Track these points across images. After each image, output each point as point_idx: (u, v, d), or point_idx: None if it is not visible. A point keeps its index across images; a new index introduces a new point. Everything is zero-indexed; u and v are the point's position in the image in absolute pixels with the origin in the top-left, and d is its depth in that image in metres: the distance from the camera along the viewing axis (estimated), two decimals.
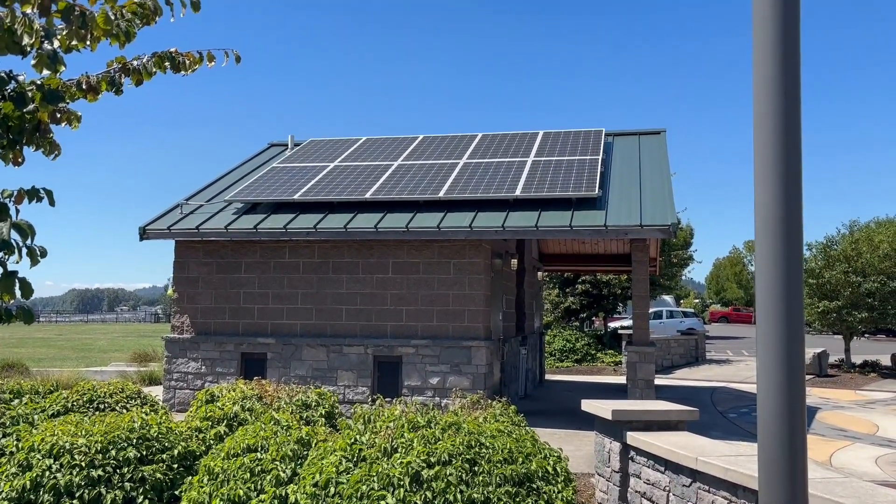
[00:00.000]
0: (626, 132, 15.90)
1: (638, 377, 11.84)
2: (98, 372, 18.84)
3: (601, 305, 28.08)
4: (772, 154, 2.38)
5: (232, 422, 8.06)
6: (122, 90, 3.70)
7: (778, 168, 2.38)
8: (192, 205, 13.74)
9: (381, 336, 12.39)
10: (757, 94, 2.43)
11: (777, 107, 2.39)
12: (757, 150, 2.44)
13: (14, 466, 6.74)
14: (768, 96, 2.40)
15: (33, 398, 9.17)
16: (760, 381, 2.37)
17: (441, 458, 5.93)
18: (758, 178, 2.43)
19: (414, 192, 12.63)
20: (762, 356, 2.35)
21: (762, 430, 2.34)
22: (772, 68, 2.39)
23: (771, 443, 2.31)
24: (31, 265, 3.42)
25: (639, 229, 11.06)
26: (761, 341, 2.38)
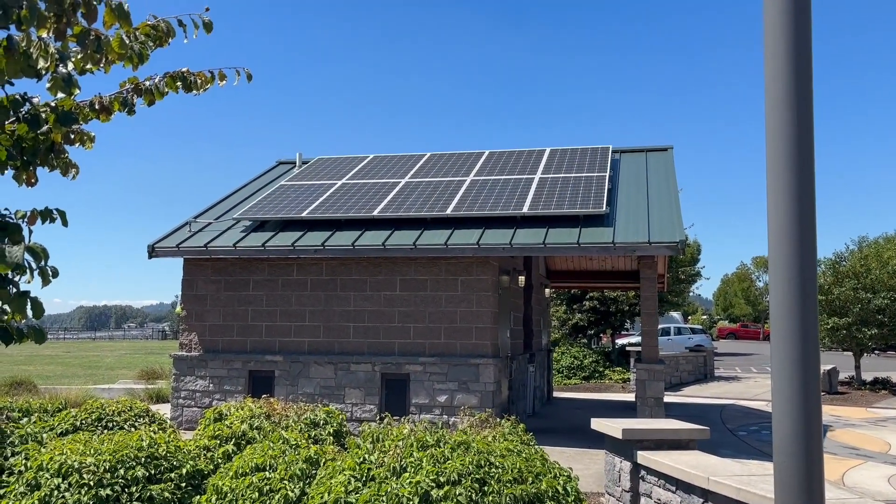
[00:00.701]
0: (634, 149, 15.92)
1: (647, 395, 11.77)
2: (106, 389, 18.85)
3: (609, 322, 27.99)
4: (785, 173, 2.38)
5: (240, 440, 8.04)
6: (134, 110, 3.73)
7: (791, 186, 2.38)
8: (201, 222, 13.80)
9: (388, 353, 12.37)
10: (769, 109, 2.43)
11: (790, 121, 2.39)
12: (770, 169, 2.43)
13: (23, 486, 6.73)
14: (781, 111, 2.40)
15: (42, 416, 9.17)
16: (776, 401, 2.35)
17: (451, 477, 5.90)
18: (771, 196, 2.42)
19: (421, 209, 12.65)
20: (777, 376, 2.34)
21: (778, 451, 2.32)
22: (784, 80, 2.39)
23: (787, 463, 2.29)
24: (43, 285, 3.43)
25: (647, 246, 11.05)
26: (776, 362, 2.36)
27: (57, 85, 3.12)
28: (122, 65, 3.42)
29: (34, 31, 2.94)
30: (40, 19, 2.85)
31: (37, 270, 3.32)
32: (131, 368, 27.32)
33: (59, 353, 42.99)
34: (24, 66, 2.89)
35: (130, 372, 25.32)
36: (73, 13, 2.93)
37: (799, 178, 2.38)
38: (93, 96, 3.66)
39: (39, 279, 3.41)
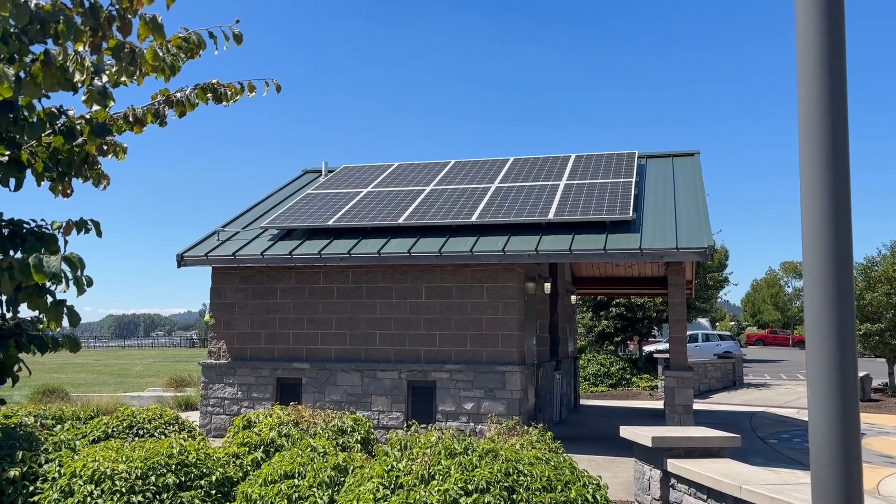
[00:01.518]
0: (660, 154, 15.82)
1: (676, 402, 11.65)
2: (136, 397, 19.07)
3: (636, 329, 27.78)
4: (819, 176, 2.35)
5: (269, 448, 8.08)
6: (166, 122, 3.79)
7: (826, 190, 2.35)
8: (229, 231, 13.93)
9: (414, 361, 12.37)
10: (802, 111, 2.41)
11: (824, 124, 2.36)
12: (804, 173, 2.40)
13: (56, 492, 6.83)
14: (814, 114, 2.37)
15: (75, 424, 9.30)
16: (812, 410, 2.31)
17: (479, 485, 5.88)
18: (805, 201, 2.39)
19: (446, 216, 12.67)
20: (813, 385, 2.30)
21: (815, 461, 2.29)
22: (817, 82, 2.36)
23: (825, 474, 2.26)
24: (78, 294, 3.49)
25: (675, 252, 10.95)
26: (811, 370, 2.33)
27: (92, 97, 3.18)
28: (155, 77, 3.47)
29: (70, 45, 3.00)
30: (76, 33, 2.90)
31: (72, 280, 3.37)
32: (160, 376, 27.63)
33: (90, 361, 43.60)
34: (61, 80, 2.95)
35: (159, 380, 25.59)
36: (108, 27, 2.99)
37: (834, 182, 2.35)
38: (126, 108, 3.72)
39: (75, 288, 3.47)
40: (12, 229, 3.53)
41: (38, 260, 2.90)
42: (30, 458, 7.45)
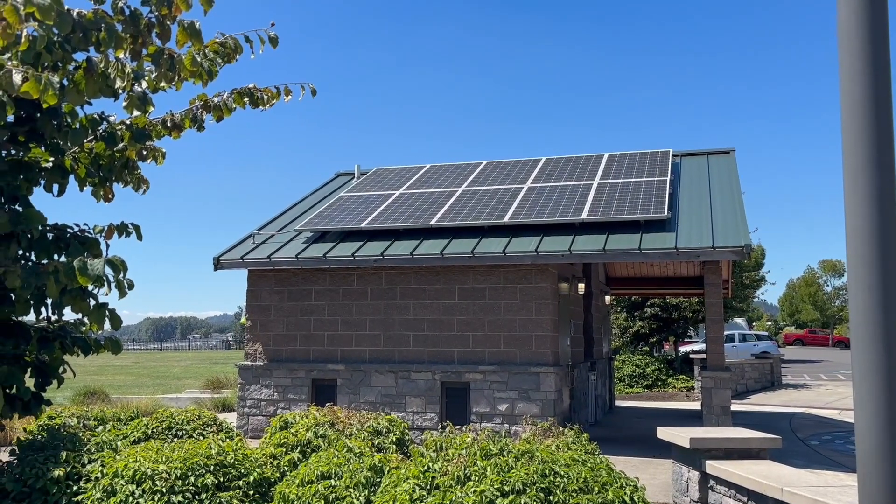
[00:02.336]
0: (694, 152, 15.64)
1: (713, 403, 11.50)
2: (174, 399, 19.36)
3: (671, 329, 27.47)
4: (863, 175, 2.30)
5: (305, 448, 8.15)
6: (203, 126, 3.84)
7: (871, 188, 2.30)
8: (264, 234, 14.09)
9: (448, 362, 12.38)
10: (846, 109, 2.36)
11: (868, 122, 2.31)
12: (847, 172, 2.36)
13: (99, 492, 6.95)
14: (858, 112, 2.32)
15: (116, 425, 9.47)
16: (858, 413, 2.27)
17: (515, 486, 5.86)
18: (849, 199, 2.35)
19: (479, 217, 12.66)
20: (859, 387, 2.26)
21: (862, 464, 2.24)
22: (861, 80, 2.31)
23: (873, 476, 2.21)
24: (120, 297, 3.55)
25: (711, 251, 10.81)
26: (857, 373, 2.28)
27: (133, 103, 3.23)
28: (193, 82, 3.52)
29: (112, 53, 3.06)
30: (117, 40, 2.96)
31: (114, 283, 3.44)
32: (197, 378, 28.02)
33: (129, 363, 44.39)
34: (103, 86, 3.01)
35: (196, 382, 25.96)
36: (148, 33, 3.04)
37: (879, 181, 2.30)
38: (164, 114, 3.78)
39: (116, 291, 3.53)
40: (56, 234, 3.61)
41: (82, 263, 2.96)
42: (73, 459, 7.60)
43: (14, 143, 3.51)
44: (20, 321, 3.89)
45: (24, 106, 3.26)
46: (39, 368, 3.86)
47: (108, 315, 3.68)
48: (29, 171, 3.52)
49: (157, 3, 3.02)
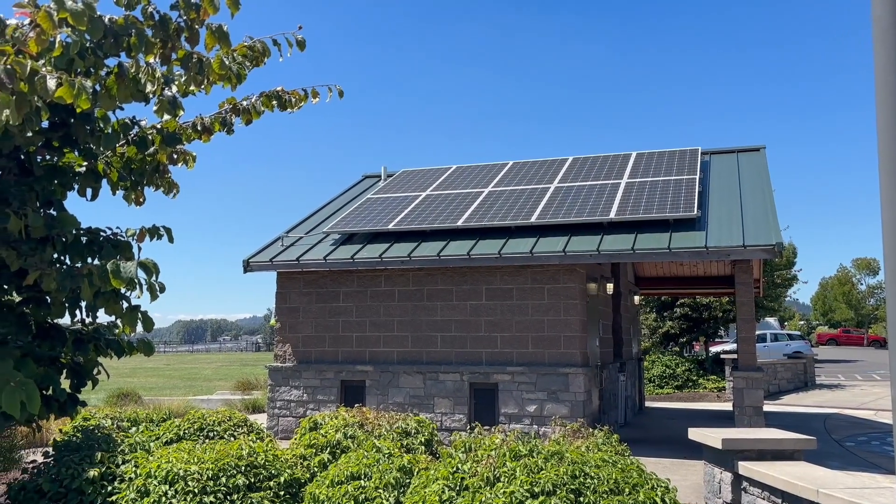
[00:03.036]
0: (724, 150, 15.46)
1: (745, 404, 11.35)
2: (205, 400, 19.58)
3: (701, 329, 27.18)
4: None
5: (335, 449, 8.19)
6: (233, 130, 3.87)
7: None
8: (293, 237, 14.19)
9: (476, 363, 12.37)
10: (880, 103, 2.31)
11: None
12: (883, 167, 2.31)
13: (133, 492, 7.05)
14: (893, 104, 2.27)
15: (148, 426, 9.60)
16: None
17: (545, 487, 5.83)
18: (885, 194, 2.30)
19: (505, 218, 12.63)
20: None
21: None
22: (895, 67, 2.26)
23: None
24: (151, 300, 3.60)
25: (742, 250, 10.67)
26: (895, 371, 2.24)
27: (163, 107, 3.27)
28: (222, 85, 3.56)
29: (142, 57, 3.10)
30: (148, 45, 3.00)
31: (146, 286, 3.48)
32: (228, 380, 28.30)
33: (160, 365, 44.98)
34: (134, 91, 3.05)
35: (227, 383, 26.22)
36: (177, 38, 3.07)
37: None
38: (194, 118, 3.83)
39: (148, 294, 3.57)
40: (90, 237, 3.67)
41: (115, 266, 3.00)
42: (108, 459, 7.71)
43: (48, 148, 3.57)
44: (55, 323, 3.96)
45: (57, 111, 3.32)
46: (74, 370, 3.92)
47: (140, 317, 3.72)
48: (63, 176, 3.59)
49: (185, 8, 3.06)
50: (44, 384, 3.68)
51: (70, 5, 2.62)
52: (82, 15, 2.63)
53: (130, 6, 3.11)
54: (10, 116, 2.56)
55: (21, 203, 3.25)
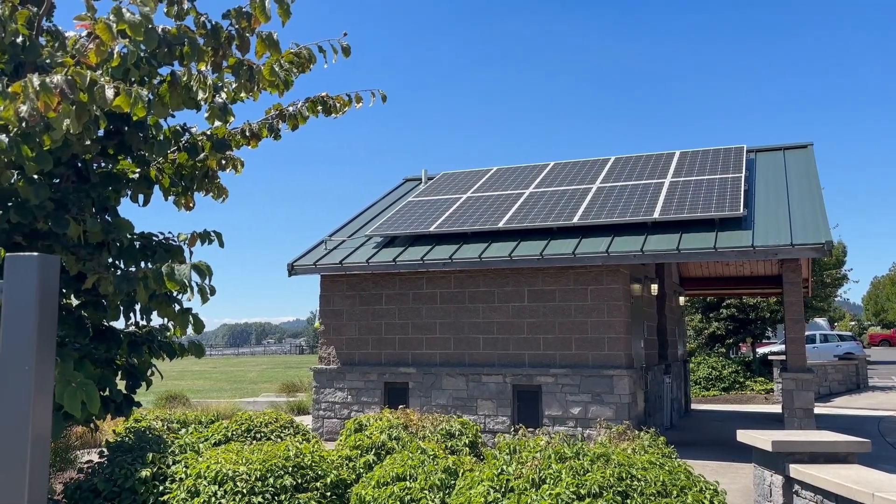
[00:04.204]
0: (770, 147, 15.18)
1: (795, 406, 11.12)
2: (251, 402, 19.86)
3: (748, 330, 26.67)
4: None
5: (380, 450, 8.24)
6: (280, 135, 3.94)
7: None
8: (336, 240, 14.33)
9: (519, 365, 12.33)
10: None
11: None
12: None
13: (184, 492, 7.19)
14: None
15: (197, 428, 9.78)
16: None
17: (591, 490, 5.80)
18: None
19: (547, 219, 12.57)
20: None
21: None
22: None
23: None
24: (202, 302, 3.67)
25: (790, 249, 10.47)
26: None
27: (214, 114, 3.35)
28: (269, 92, 3.62)
29: (194, 66, 3.17)
30: (200, 54, 3.07)
31: (197, 289, 3.56)
32: (273, 382, 28.66)
33: (207, 368, 45.76)
34: (186, 99, 3.13)
35: (272, 386, 26.56)
36: (228, 46, 3.14)
37: None
38: (242, 124, 3.90)
39: (199, 297, 3.65)
40: (143, 242, 3.77)
41: (170, 269, 3.08)
42: (159, 460, 7.87)
43: (104, 155, 3.68)
44: (111, 326, 4.07)
45: (112, 120, 3.42)
46: (129, 371, 4.03)
47: (191, 320, 3.81)
48: (117, 183, 3.69)
49: (237, 17, 3.13)
50: (101, 385, 3.78)
51: (128, 17, 2.70)
52: (140, 26, 2.71)
53: (180, 16, 3.19)
54: (71, 125, 2.65)
55: (79, 209, 3.37)
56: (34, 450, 2.14)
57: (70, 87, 2.58)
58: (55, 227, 3.19)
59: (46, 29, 3.45)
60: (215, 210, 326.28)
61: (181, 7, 3.12)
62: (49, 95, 2.54)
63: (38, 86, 2.54)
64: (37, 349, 2.10)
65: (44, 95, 2.53)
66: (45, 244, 3.42)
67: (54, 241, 3.42)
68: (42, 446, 2.13)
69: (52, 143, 2.92)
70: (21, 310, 2.12)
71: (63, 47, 3.12)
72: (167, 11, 3.16)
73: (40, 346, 2.12)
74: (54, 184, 3.53)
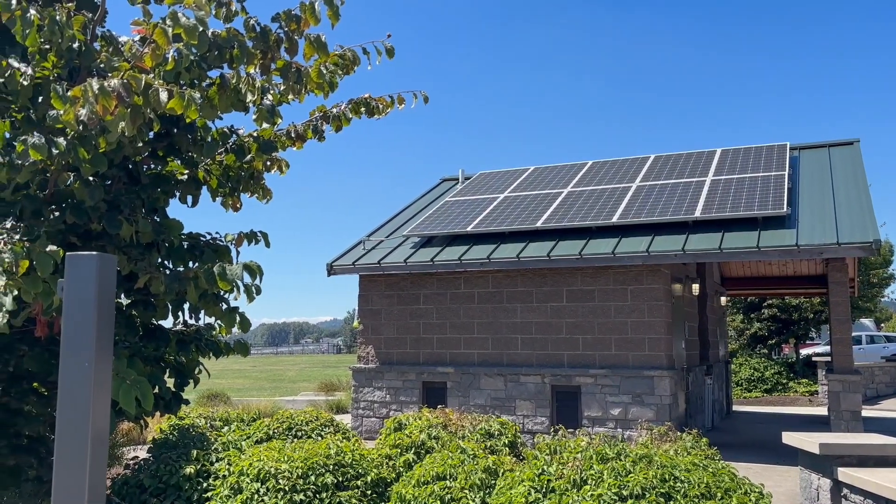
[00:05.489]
0: (814, 145, 14.88)
1: (842, 408, 10.89)
2: (290, 401, 20.08)
3: (791, 331, 26.19)
4: None
5: (419, 449, 8.27)
6: (324, 137, 3.98)
7: None
8: (374, 240, 14.42)
9: (557, 365, 12.27)
10: None
11: None
12: None
13: (227, 489, 7.29)
14: None
15: (239, 426, 9.91)
16: None
17: (633, 491, 5.75)
18: None
19: (586, 218, 12.49)
20: None
21: None
22: None
23: None
24: (249, 301, 3.73)
25: (836, 247, 10.25)
26: None
27: (262, 116, 3.40)
28: (315, 93, 3.66)
29: (243, 68, 3.22)
30: (249, 56, 3.12)
31: (243, 288, 3.61)
32: (311, 381, 28.93)
33: (246, 367, 46.36)
34: (234, 101, 3.18)
35: (311, 384, 26.81)
36: (276, 48, 3.19)
37: None
38: (288, 125, 3.95)
39: (244, 296, 3.71)
40: (191, 242, 3.83)
41: (221, 269, 3.13)
42: (202, 457, 8.00)
43: (154, 157, 3.76)
44: (160, 325, 4.16)
45: (162, 122, 3.49)
46: (178, 369, 4.11)
47: (238, 318, 3.86)
48: (166, 184, 3.77)
49: (286, 19, 3.17)
50: (151, 383, 3.86)
51: (184, 21, 2.76)
52: (194, 30, 2.76)
53: (229, 19, 3.24)
54: (126, 128, 2.72)
55: (131, 210, 3.45)
56: (94, 444, 2.19)
57: (126, 91, 2.64)
58: (109, 228, 3.27)
59: (100, 34, 3.54)
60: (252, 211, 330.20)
61: (230, 10, 3.17)
62: (107, 99, 2.60)
63: (97, 90, 2.61)
64: (96, 345, 2.15)
65: (102, 99, 2.60)
66: (99, 244, 3.51)
67: (107, 241, 3.50)
68: (101, 440, 2.18)
69: (106, 145, 3.00)
70: (81, 307, 2.18)
71: (118, 52, 3.19)
72: (216, 14, 3.21)
73: (99, 343, 2.17)
74: (107, 185, 3.62)
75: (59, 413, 2.07)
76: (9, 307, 2.69)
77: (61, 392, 2.10)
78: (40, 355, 3.76)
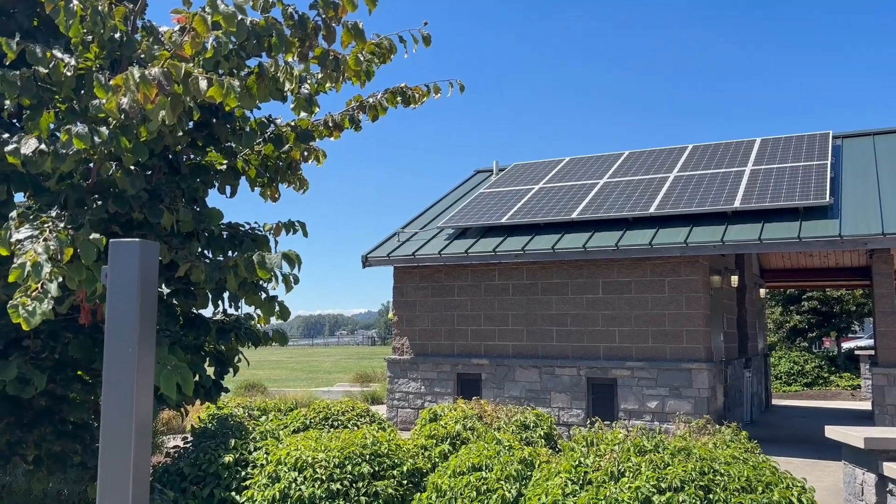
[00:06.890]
0: (858, 133, 14.53)
1: (887, 402, 10.65)
2: (326, 392, 20.26)
3: (832, 324, 25.68)
4: None
5: (455, 440, 8.28)
6: (360, 126, 3.98)
7: None
8: (408, 232, 14.44)
9: (593, 357, 12.18)
10: None
11: None
12: None
13: (265, 478, 7.37)
14: None
15: (277, 415, 10.02)
16: None
17: (672, 484, 5.68)
18: None
19: (622, 209, 12.36)
20: None
21: None
22: None
23: None
24: (287, 291, 3.75)
25: (881, 238, 10.00)
26: None
27: (300, 105, 3.40)
28: (351, 83, 3.66)
29: (281, 57, 3.23)
30: (287, 45, 3.12)
31: (281, 277, 3.63)
32: (346, 372, 29.16)
33: (283, 358, 46.90)
34: (273, 90, 3.19)
35: (346, 375, 27.02)
36: (314, 36, 3.18)
37: None
38: (325, 115, 3.96)
39: (283, 285, 3.73)
40: (230, 232, 3.87)
41: (261, 257, 3.15)
42: (241, 446, 8.10)
43: (193, 147, 3.80)
44: (200, 314, 4.21)
45: (202, 111, 3.52)
46: (217, 358, 4.15)
47: (277, 307, 3.89)
48: (205, 174, 3.80)
49: (324, 6, 3.17)
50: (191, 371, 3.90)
51: (223, 8, 2.77)
52: (233, 17, 2.78)
53: (266, 8, 3.25)
54: (166, 116, 2.75)
55: (171, 199, 3.49)
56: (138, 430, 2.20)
57: (167, 79, 2.67)
58: (150, 217, 3.31)
59: (141, 25, 3.58)
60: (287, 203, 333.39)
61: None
62: (148, 87, 2.63)
63: (138, 78, 2.64)
64: (139, 330, 2.17)
65: (143, 87, 2.63)
66: (140, 233, 3.56)
67: (148, 230, 3.55)
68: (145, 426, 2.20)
69: (147, 134, 3.03)
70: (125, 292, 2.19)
71: (158, 42, 3.22)
72: (254, 5, 3.22)
73: (142, 328, 2.19)
74: (147, 175, 3.66)
75: (104, 399, 2.10)
76: (54, 293, 2.74)
77: (106, 378, 2.12)
78: (84, 342, 3.83)
